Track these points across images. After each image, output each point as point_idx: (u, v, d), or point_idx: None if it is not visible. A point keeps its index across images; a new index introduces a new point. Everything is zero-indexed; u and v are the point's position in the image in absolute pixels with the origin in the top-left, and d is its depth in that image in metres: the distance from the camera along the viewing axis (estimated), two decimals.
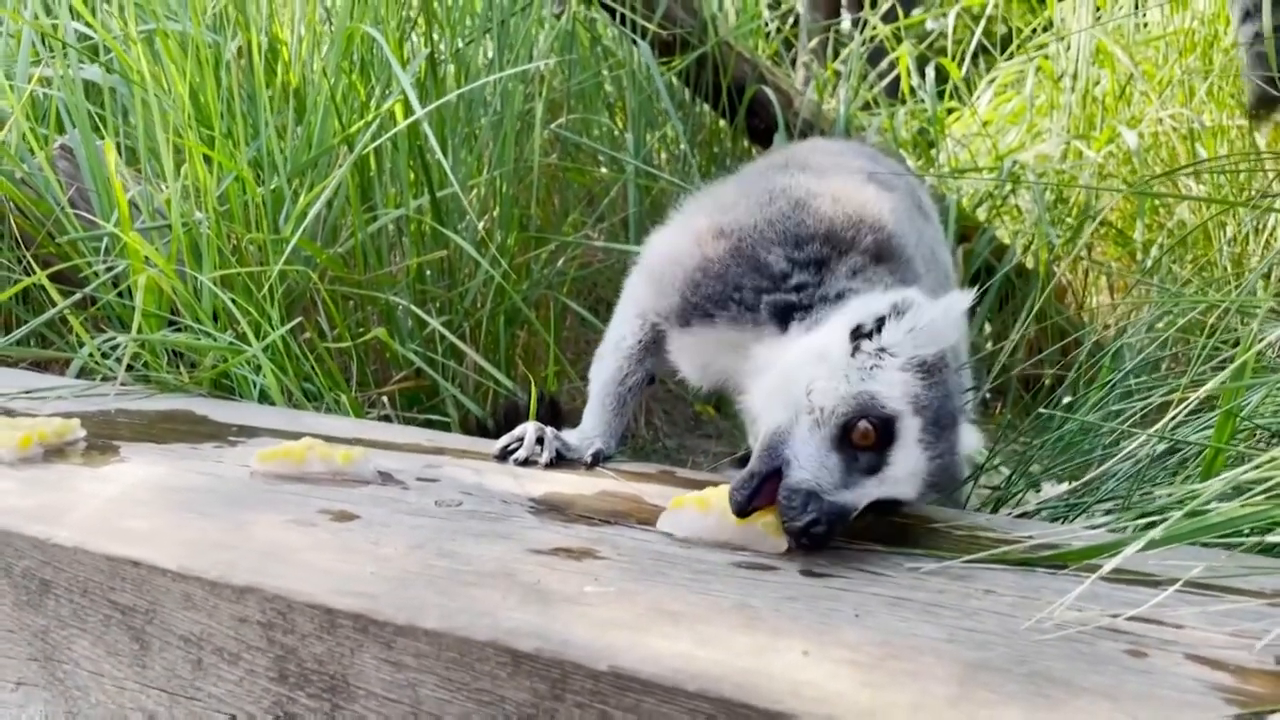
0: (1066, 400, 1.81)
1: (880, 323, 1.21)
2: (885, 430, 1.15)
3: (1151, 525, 1.09)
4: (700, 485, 1.41)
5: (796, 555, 1.14)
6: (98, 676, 1.11)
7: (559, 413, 1.84)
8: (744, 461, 2.06)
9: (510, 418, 1.68)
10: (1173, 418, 1.23)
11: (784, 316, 1.33)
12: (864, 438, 1.15)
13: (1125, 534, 1.19)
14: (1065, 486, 1.67)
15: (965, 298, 1.23)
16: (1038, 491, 1.78)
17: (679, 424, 3.01)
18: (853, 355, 1.20)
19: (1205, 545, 1.17)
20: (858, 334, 1.21)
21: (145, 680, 1.08)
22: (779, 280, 1.35)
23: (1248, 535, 1.12)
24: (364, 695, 0.98)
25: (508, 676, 0.91)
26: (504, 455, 1.46)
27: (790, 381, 1.22)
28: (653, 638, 0.92)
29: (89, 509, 1.20)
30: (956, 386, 1.24)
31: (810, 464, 1.14)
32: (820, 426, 1.16)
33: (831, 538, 1.12)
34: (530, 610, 0.96)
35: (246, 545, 1.11)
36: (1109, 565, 1.01)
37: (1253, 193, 2.92)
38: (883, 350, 1.19)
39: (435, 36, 2.39)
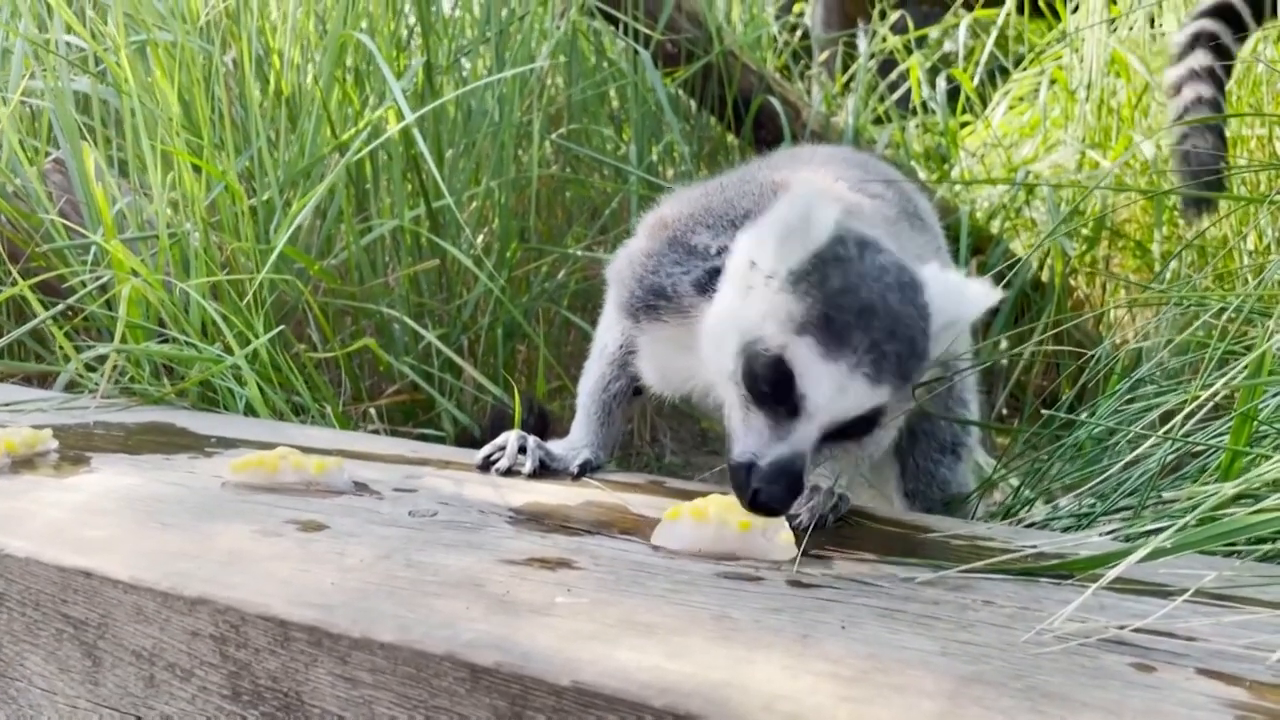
0: (1082, 416, 1.74)
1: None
2: (777, 371, 1.07)
3: (1161, 532, 1.02)
4: (690, 495, 1.35)
5: (784, 566, 1.08)
6: (50, 695, 1.06)
7: (547, 421, 1.79)
8: None
9: (496, 426, 1.62)
10: (1184, 418, 1.16)
11: (704, 289, 1.25)
12: (768, 385, 1.08)
13: (1134, 543, 1.12)
14: (1076, 502, 1.60)
15: (802, 189, 1.14)
16: (1049, 504, 1.71)
17: (685, 441, 2.95)
18: (746, 298, 1.13)
19: (1218, 554, 1.10)
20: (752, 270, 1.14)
21: (97, 698, 1.03)
22: (704, 257, 1.28)
23: (1263, 543, 1.05)
24: (319, 714, 0.92)
25: (466, 693, 0.85)
26: (486, 465, 1.41)
27: (711, 353, 1.16)
28: (622, 651, 0.86)
29: (48, 519, 1.15)
30: (875, 268, 1.11)
31: (739, 432, 1.10)
32: (736, 388, 1.11)
33: (792, 494, 1.07)
34: (494, 622, 0.91)
35: (206, 556, 1.06)
36: (1112, 574, 0.94)
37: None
38: (769, 277, 1.11)
39: (433, 44, 2.36)
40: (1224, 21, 2.42)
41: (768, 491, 1.06)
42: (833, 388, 1.06)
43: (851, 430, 1.11)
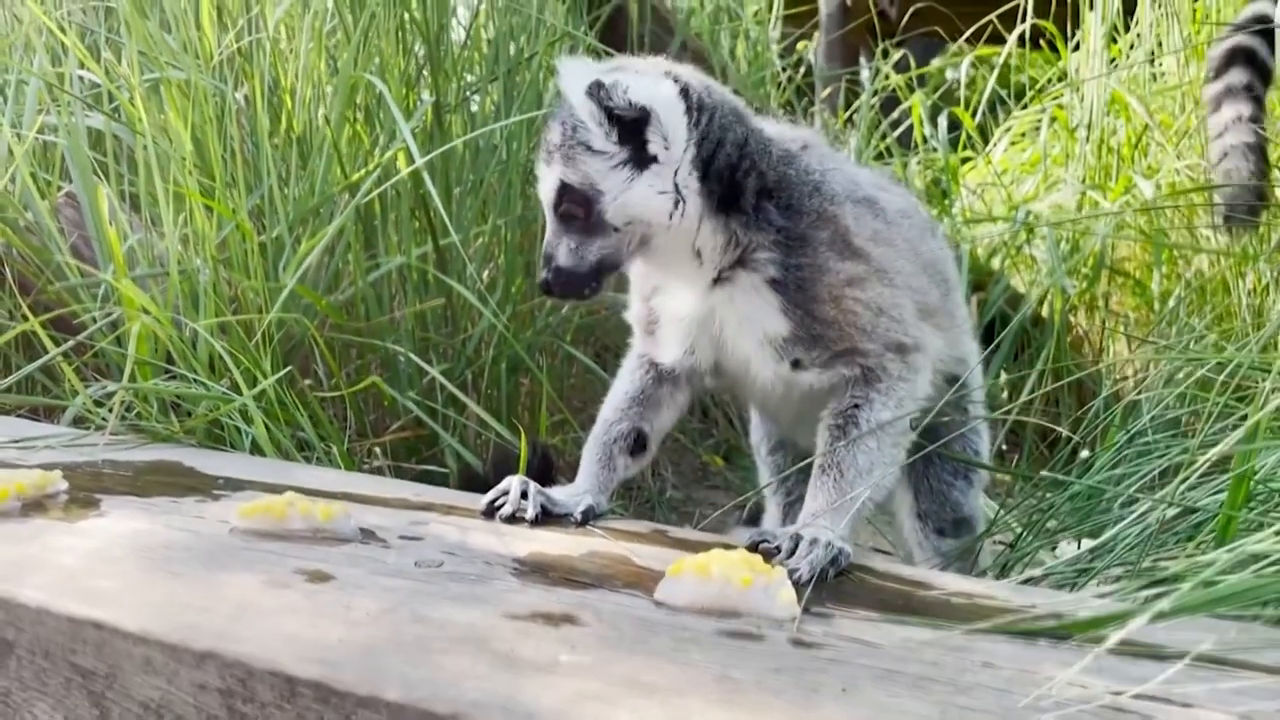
0: (1082, 455, 1.76)
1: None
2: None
3: (1160, 595, 1.04)
4: (694, 546, 1.37)
5: (786, 624, 1.09)
6: None
7: (551, 463, 1.80)
8: (753, 518, 2.02)
9: (500, 470, 1.64)
10: (1183, 480, 1.17)
11: None
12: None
13: (1133, 603, 1.13)
14: (1075, 547, 1.61)
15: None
16: (1053, 550, 1.72)
17: (686, 475, 2.96)
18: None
19: (1217, 617, 1.11)
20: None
21: None
22: None
23: (1263, 607, 1.06)
24: None
25: None
26: (490, 512, 1.43)
27: None
28: (623, 713, 0.87)
29: (58, 566, 1.17)
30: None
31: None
32: None
33: (554, 272, 1.41)
34: (499, 681, 0.92)
35: (215, 607, 1.07)
36: (1114, 638, 0.95)
37: (1271, 245, 2.86)
38: None
39: (442, 83, 2.39)
40: (1261, 36, 2.36)
41: (540, 275, 1.44)
42: (539, 172, 1.45)
43: (578, 211, 1.39)
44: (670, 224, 1.40)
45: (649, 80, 1.38)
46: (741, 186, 1.41)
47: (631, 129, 1.36)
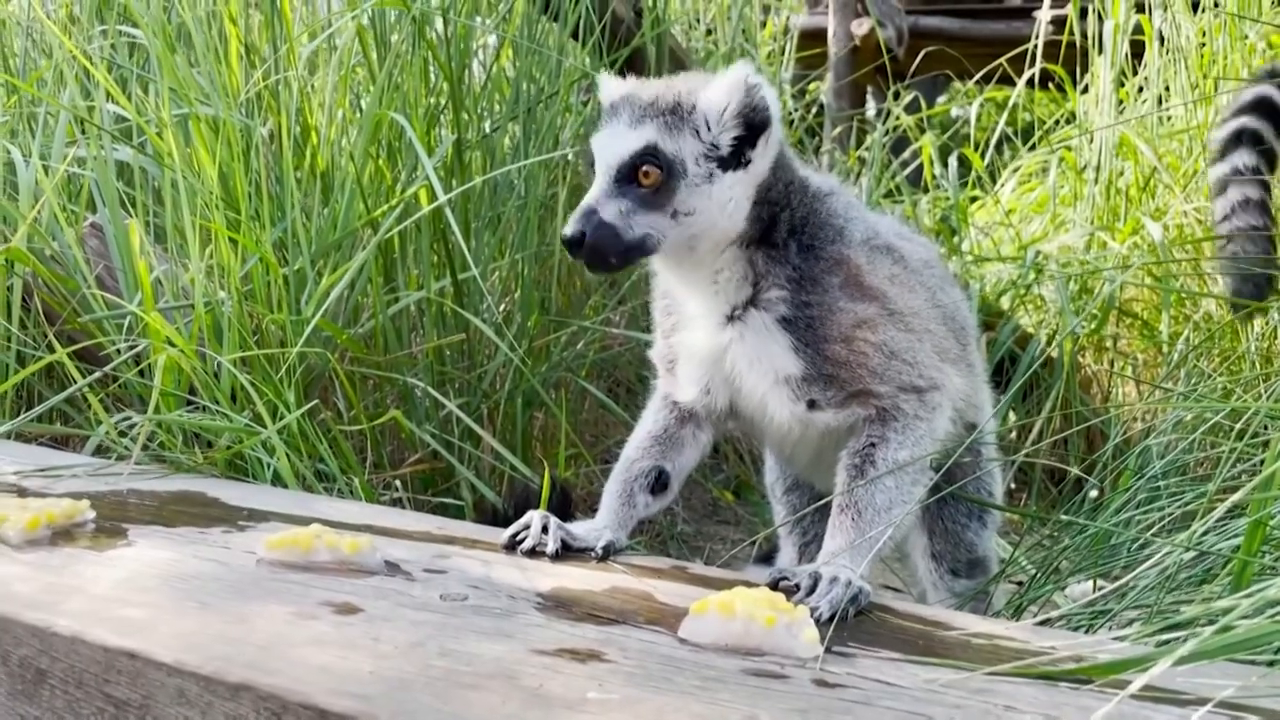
0: (1093, 494, 1.77)
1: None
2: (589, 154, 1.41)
3: (1179, 639, 1.05)
4: (714, 582, 1.38)
5: (809, 663, 1.10)
6: None
7: (569, 499, 1.82)
8: (766, 557, 2.03)
9: (521, 505, 1.66)
10: (1200, 525, 1.19)
11: None
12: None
13: (1152, 647, 1.14)
14: (1090, 586, 1.62)
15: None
16: (1063, 590, 1.73)
17: (697, 510, 2.97)
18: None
19: (1237, 662, 1.12)
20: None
21: None
22: None
23: (1276, 653, 1.07)
24: None
25: None
26: (512, 545, 1.44)
27: None
28: None
29: (90, 595, 1.18)
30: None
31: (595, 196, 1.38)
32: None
33: (594, 231, 1.35)
34: (530, 718, 0.93)
35: (246, 639, 1.08)
36: (1138, 683, 0.96)
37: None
38: None
39: (464, 121, 2.43)
40: (1264, 117, 2.37)
41: (571, 228, 1.35)
42: (605, 137, 1.40)
43: (652, 178, 1.37)
44: (717, 231, 1.42)
45: (773, 94, 1.43)
46: (779, 220, 1.46)
47: (745, 134, 1.40)
